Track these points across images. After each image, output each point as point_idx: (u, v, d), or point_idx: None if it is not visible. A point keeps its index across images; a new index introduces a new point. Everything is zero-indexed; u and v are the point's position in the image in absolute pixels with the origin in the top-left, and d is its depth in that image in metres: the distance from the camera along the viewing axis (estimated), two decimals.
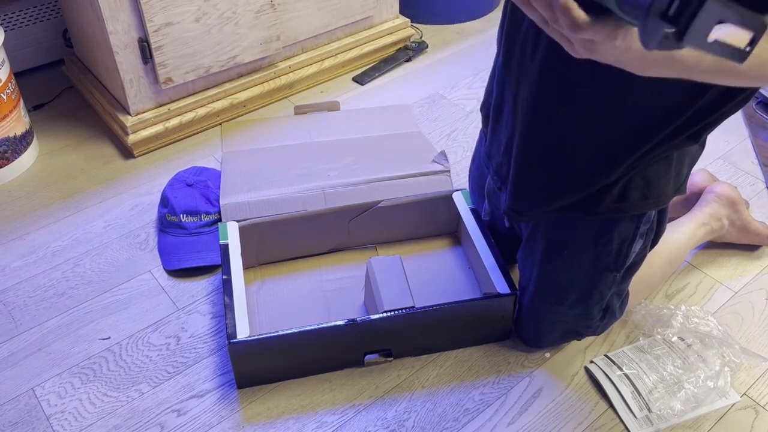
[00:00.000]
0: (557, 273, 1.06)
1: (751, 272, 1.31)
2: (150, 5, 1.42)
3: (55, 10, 1.82)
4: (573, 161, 0.95)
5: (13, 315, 1.26)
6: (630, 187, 0.95)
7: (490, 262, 1.17)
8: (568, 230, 1.02)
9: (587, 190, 0.96)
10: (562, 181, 0.97)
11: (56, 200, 1.50)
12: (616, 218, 0.98)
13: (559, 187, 0.98)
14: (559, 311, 1.09)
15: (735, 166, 1.55)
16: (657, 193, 0.96)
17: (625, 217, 0.98)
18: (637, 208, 0.97)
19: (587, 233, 1.01)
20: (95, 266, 1.35)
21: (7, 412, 1.10)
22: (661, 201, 0.98)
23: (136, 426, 1.08)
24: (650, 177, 0.95)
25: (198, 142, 1.65)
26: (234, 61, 1.62)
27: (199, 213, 1.36)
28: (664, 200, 0.98)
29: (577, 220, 1.00)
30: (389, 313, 1.08)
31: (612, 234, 0.99)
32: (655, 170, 0.94)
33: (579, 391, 1.11)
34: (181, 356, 1.18)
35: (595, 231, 1.00)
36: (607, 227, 0.99)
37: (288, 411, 1.10)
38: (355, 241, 1.35)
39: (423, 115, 1.72)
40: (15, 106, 1.53)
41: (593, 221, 0.99)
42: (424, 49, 1.96)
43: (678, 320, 1.18)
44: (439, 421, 1.08)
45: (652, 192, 0.96)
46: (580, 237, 1.02)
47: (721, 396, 1.09)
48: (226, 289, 1.11)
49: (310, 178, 1.40)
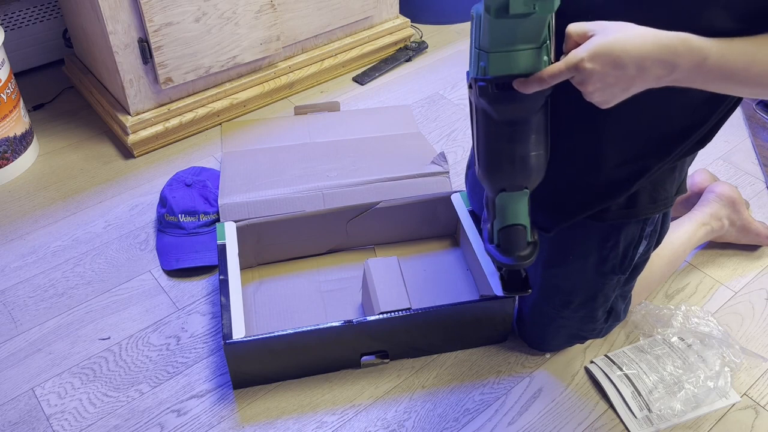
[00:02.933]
0: (562, 277, 1.06)
1: (751, 272, 1.31)
2: (150, 5, 1.42)
3: (55, 10, 1.82)
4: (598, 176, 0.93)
5: (13, 315, 1.26)
6: (639, 192, 0.95)
7: (489, 265, 1.17)
8: (573, 235, 1.01)
9: (608, 202, 0.95)
10: (583, 194, 0.96)
11: (56, 200, 1.50)
12: (622, 222, 0.98)
13: (579, 201, 0.97)
14: (564, 314, 1.09)
15: (735, 166, 1.55)
16: (664, 196, 0.97)
17: (632, 220, 0.98)
18: (646, 212, 0.97)
19: (593, 238, 1.00)
20: (95, 266, 1.35)
21: (7, 412, 1.10)
22: (668, 203, 0.98)
23: (136, 426, 1.08)
24: (657, 181, 0.95)
25: (198, 142, 1.65)
26: (234, 61, 1.62)
27: (197, 213, 1.36)
28: (670, 202, 0.98)
29: (582, 225, 0.99)
30: (385, 315, 1.08)
31: (618, 238, 0.99)
32: (662, 174, 0.94)
33: (579, 392, 1.11)
34: (181, 356, 1.18)
35: (601, 235, 1.00)
36: (613, 231, 0.99)
37: (288, 411, 1.10)
38: (354, 242, 1.35)
39: (423, 115, 1.72)
40: (15, 106, 1.53)
41: (600, 226, 0.99)
42: (424, 49, 1.96)
43: (678, 320, 1.18)
44: (439, 421, 1.08)
45: (659, 195, 0.96)
46: (586, 241, 1.01)
47: (721, 396, 1.09)
48: (222, 290, 1.11)
49: (309, 178, 1.40)
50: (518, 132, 0.77)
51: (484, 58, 0.73)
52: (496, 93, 0.73)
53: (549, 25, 0.72)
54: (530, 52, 0.71)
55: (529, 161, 0.79)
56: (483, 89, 0.73)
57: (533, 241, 0.86)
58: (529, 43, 0.71)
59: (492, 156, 0.80)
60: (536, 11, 0.67)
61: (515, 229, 0.85)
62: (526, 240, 0.85)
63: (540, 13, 0.67)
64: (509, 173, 0.81)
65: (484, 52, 0.73)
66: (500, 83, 0.73)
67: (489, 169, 0.81)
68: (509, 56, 0.71)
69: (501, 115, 0.76)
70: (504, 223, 0.86)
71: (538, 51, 0.72)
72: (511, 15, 0.67)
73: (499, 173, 0.81)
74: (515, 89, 0.73)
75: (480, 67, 0.74)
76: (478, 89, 0.74)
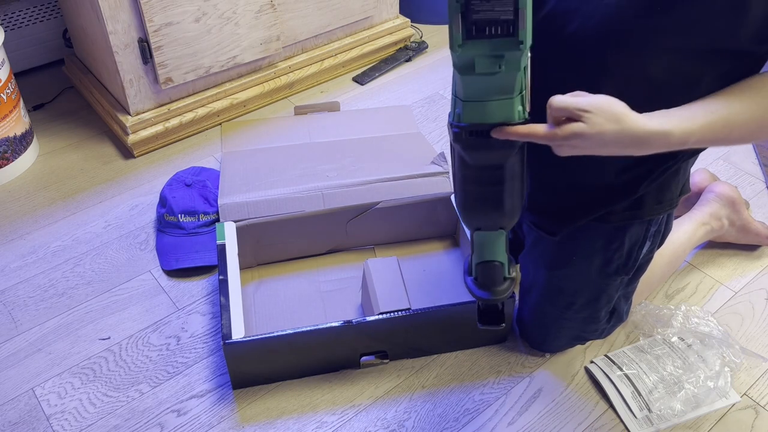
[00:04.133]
0: (566, 278, 1.05)
1: (751, 272, 1.31)
2: (150, 5, 1.42)
3: (55, 10, 1.82)
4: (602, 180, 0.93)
5: (13, 315, 1.26)
6: (644, 194, 0.95)
7: None
8: (578, 237, 1.01)
9: (613, 205, 0.95)
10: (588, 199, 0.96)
11: (56, 200, 1.50)
12: (627, 223, 0.98)
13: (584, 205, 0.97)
14: (567, 315, 1.09)
15: (735, 166, 1.55)
16: (669, 197, 0.97)
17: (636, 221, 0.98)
18: (651, 214, 0.97)
19: (598, 239, 1.00)
20: (95, 266, 1.35)
21: (7, 412, 1.10)
22: (673, 204, 0.98)
23: (136, 426, 1.08)
24: (662, 183, 0.95)
25: (198, 142, 1.65)
26: (234, 61, 1.62)
27: (197, 213, 1.36)
28: (675, 203, 0.99)
29: (587, 227, 0.99)
30: (385, 315, 1.08)
31: (623, 239, 0.99)
32: (667, 177, 0.94)
33: (579, 392, 1.11)
34: (181, 356, 1.18)
35: (606, 237, 1.00)
36: (618, 233, 0.99)
37: (288, 411, 1.10)
38: (353, 242, 1.35)
39: (423, 115, 1.72)
40: (15, 106, 1.53)
41: (605, 228, 0.99)
42: (424, 49, 1.96)
43: (678, 320, 1.18)
44: (439, 421, 1.08)
45: (664, 196, 0.96)
46: (590, 243, 1.01)
47: (721, 396, 1.09)
48: (222, 290, 1.11)
49: (309, 178, 1.40)
50: (492, 177, 0.78)
51: (459, 105, 0.74)
52: (469, 140, 0.75)
53: (522, 77, 0.72)
54: (504, 102, 0.72)
55: (502, 205, 0.80)
56: (457, 135, 0.75)
57: (510, 277, 0.87)
58: (503, 95, 0.72)
59: (466, 197, 0.81)
60: (502, 71, 0.67)
61: (492, 266, 0.86)
62: (502, 276, 0.86)
63: (506, 72, 0.68)
64: (483, 215, 0.82)
65: (459, 99, 0.74)
66: (473, 131, 0.74)
67: (464, 209, 0.83)
68: (483, 105, 0.72)
69: (474, 160, 0.77)
70: (480, 259, 0.87)
71: (511, 101, 0.72)
72: (478, 73, 0.68)
73: (473, 214, 0.83)
74: (488, 137, 0.74)
75: (456, 113, 0.75)
76: (453, 135, 0.75)
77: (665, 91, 0.82)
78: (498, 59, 0.66)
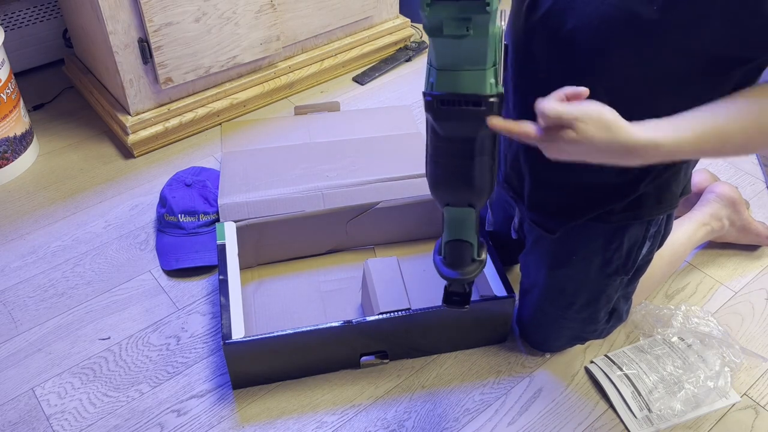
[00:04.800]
0: (565, 279, 1.05)
1: (751, 272, 1.31)
2: (150, 5, 1.42)
3: (55, 10, 1.82)
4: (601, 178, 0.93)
5: (13, 315, 1.26)
6: (644, 194, 0.94)
7: (489, 265, 1.17)
8: (577, 237, 1.01)
9: (612, 204, 0.95)
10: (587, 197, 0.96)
11: (56, 200, 1.50)
12: (627, 224, 0.98)
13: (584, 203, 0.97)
14: (567, 315, 1.09)
15: (735, 166, 1.55)
16: (669, 197, 0.97)
17: (636, 222, 0.98)
18: (652, 214, 0.97)
19: (597, 239, 1.00)
20: (95, 266, 1.35)
21: (7, 412, 1.10)
22: (673, 204, 0.98)
23: (136, 426, 1.08)
24: (663, 183, 0.94)
25: (198, 142, 1.65)
26: (234, 61, 1.62)
27: (197, 213, 1.36)
28: (675, 203, 0.98)
29: (587, 226, 0.99)
30: (385, 315, 1.08)
31: (623, 239, 0.99)
32: (668, 177, 0.94)
33: (579, 392, 1.11)
34: (181, 356, 1.18)
35: (605, 237, 1.00)
36: (617, 233, 0.99)
37: (288, 411, 1.10)
38: (353, 242, 1.34)
39: (423, 115, 1.72)
40: (15, 106, 1.53)
41: (604, 227, 0.99)
42: (424, 49, 1.96)
43: (678, 320, 1.18)
44: (439, 421, 1.08)
45: (665, 197, 0.96)
46: (590, 243, 1.01)
47: (721, 396, 1.09)
48: (222, 290, 1.11)
49: (309, 178, 1.40)
50: (462, 150, 0.78)
51: (433, 74, 0.74)
52: (441, 109, 0.75)
53: (496, 49, 0.72)
54: (477, 73, 0.72)
55: (472, 179, 0.80)
56: (429, 104, 0.75)
57: (479, 259, 0.87)
58: (475, 65, 0.72)
59: (436, 169, 0.82)
60: (470, 34, 0.68)
61: (460, 244, 0.86)
62: (471, 257, 0.86)
63: (475, 36, 0.68)
64: (452, 189, 0.82)
65: (433, 68, 0.74)
66: (444, 100, 0.74)
67: (433, 182, 0.83)
68: (455, 75, 0.73)
69: (445, 131, 0.77)
70: (450, 237, 0.87)
71: (483, 73, 0.72)
72: (446, 35, 0.69)
73: (442, 187, 0.83)
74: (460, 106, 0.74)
75: (429, 82, 0.75)
76: (425, 103, 0.76)
77: (662, 91, 0.82)
78: (465, 21, 0.67)
